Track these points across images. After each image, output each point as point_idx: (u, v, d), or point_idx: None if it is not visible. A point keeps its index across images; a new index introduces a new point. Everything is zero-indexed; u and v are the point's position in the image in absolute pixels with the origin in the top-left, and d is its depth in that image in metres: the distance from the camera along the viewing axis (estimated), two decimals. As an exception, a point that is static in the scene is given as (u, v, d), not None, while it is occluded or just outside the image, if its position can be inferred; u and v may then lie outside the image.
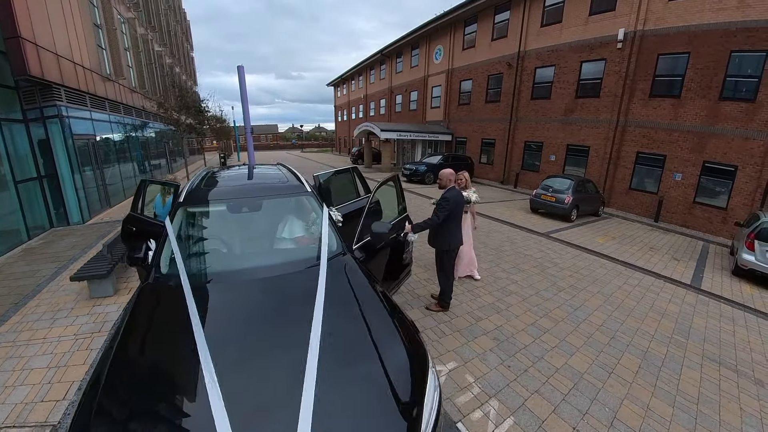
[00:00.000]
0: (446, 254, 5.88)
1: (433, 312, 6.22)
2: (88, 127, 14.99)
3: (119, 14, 19.43)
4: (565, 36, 19.99)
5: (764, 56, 13.40)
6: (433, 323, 5.88)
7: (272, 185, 5.07)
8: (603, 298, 7.35)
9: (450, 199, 5.49)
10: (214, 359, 2.31)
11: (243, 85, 12.13)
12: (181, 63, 37.88)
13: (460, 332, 5.65)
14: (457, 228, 5.86)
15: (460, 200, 5.72)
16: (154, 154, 25.79)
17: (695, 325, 6.65)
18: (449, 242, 5.80)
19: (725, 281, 9.60)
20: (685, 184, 16.02)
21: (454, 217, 5.67)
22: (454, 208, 5.55)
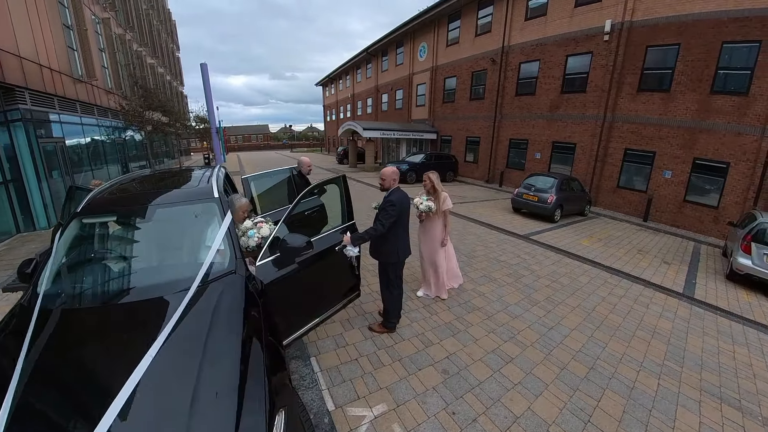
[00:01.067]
0: (392, 267, 4.92)
1: (376, 333, 5.18)
2: (57, 130, 14.55)
3: (93, 14, 18.97)
4: (550, 29, 18.97)
5: (758, 47, 12.50)
6: (370, 349, 4.81)
7: (172, 192, 4.34)
8: (583, 314, 6.24)
9: (395, 203, 4.55)
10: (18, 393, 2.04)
11: (207, 83, 11.42)
12: (165, 63, 36.94)
13: (402, 362, 4.56)
14: (404, 235, 4.91)
15: (406, 203, 4.79)
16: (137, 156, 25.09)
17: (690, 347, 5.59)
18: (395, 253, 4.85)
19: (720, 288, 8.62)
20: (675, 182, 15.10)
21: (400, 223, 4.76)
22: (400, 212, 4.63)
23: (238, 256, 3.38)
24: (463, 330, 5.44)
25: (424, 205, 5.82)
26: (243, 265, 3.35)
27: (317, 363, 4.45)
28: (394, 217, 4.54)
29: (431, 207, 5.81)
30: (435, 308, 6.07)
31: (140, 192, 4.37)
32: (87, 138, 17.53)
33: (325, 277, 4.61)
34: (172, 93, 38.40)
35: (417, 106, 31.60)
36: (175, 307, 2.67)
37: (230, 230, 3.58)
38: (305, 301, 4.30)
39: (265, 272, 3.69)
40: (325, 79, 57.09)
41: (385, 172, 4.82)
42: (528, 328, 5.57)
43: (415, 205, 5.82)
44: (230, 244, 3.44)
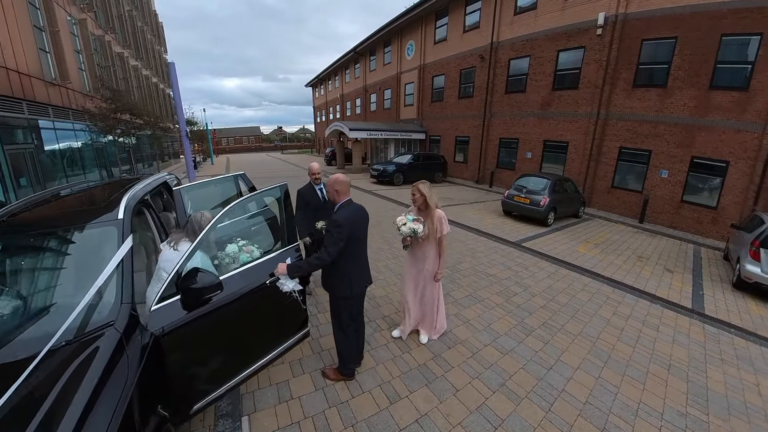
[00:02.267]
0: (344, 303, 3.82)
1: (331, 381, 4.11)
2: (26, 136, 13.97)
3: (69, 15, 18.20)
4: (540, 24, 17.99)
5: (759, 40, 11.63)
6: (319, 405, 3.75)
7: (60, 213, 3.47)
8: (587, 344, 5.22)
9: (342, 223, 3.43)
10: None
11: (175, 83, 10.46)
12: (151, 65, 35.89)
13: (356, 429, 3.48)
14: (359, 262, 3.84)
15: (361, 221, 3.76)
16: (124, 160, 24.38)
17: (712, 383, 4.64)
18: (347, 285, 3.75)
19: (729, 299, 7.71)
20: (672, 182, 14.21)
21: (353, 247, 3.67)
22: (351, 235, 3.52)
23: (125, 300, 2.52)
24: (440, 376, 4.34)
25: (407, 228, 4.37)
26: (128, 313, 2.48)
27: (249, 426, 3.41)
28: (342, 242, 3.44)
29: (417, 231, 4.36)
30: (409, 343, 5.00)
31: (21, 215, 3.35)
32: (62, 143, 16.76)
33: (259, 315, 3.53)
34: (158, 95, 37.34)
35: (405, 105, 30.67)
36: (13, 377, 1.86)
37: (123, 265, 2.63)
38: (230, 350, 3.29)
39: (169, 316, 2.73)
40: (315, 80, 56.07)
41: (331, 181, 3.70)
42: (522, 369, 4.51)
43: (396, 226, 4.51)
44: (119, 283, 2.56)
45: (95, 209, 3.27)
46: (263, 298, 3.45)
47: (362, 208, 3.81)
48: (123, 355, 2.19)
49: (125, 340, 2.28)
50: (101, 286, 2.48)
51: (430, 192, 4.49)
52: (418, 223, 4.42)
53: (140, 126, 20.55)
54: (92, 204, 3.63)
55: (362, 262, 3.90)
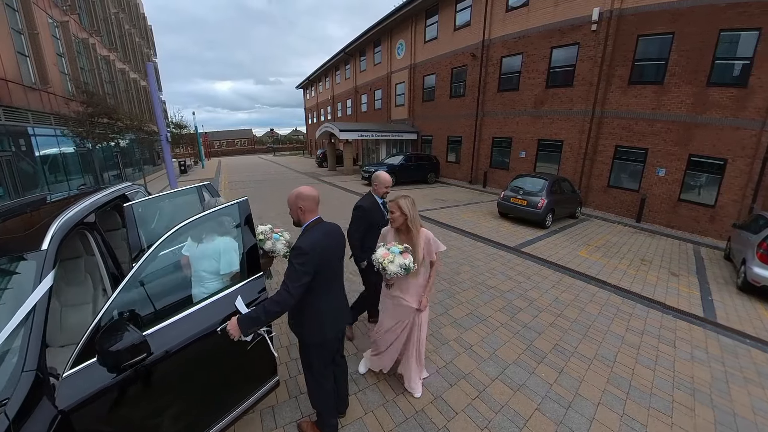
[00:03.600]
0: (316, 349, 3.01)
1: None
2: (2, 143, 13.31)
3: (50, 18, 17.39)
4: (533, 20, 17.46)
5: (758, 35, 11.24)
6: None
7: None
8: (605, 370, 4.66)
9: (308, 251, 2.63)
10: None
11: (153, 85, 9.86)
12: (139, 69, 35.07)
13: None
14: (333, 297, 3.02)
15: (332, 246, 2.93)
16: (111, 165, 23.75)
17: (738, 407, 4.16)
18: (318, 328, 2.93)
19: (738, 304, 7.27)
20: (669, 180, 13.80)
21: (323, 281, 2.83)
22: (320, 264, 2.71)
23: (28, 366, 1.86)
24: (442, 428, 3.57)
25: (395, 266, 3.31)
26: (29, 383, 1.83)
27: None
28: (308, 275, 2.62)
29: (408, 266, 3.34)
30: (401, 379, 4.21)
31: None
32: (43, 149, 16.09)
33: (213, 368, 2.76)
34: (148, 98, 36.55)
35: (396, 105, 30.08)
36: None
37: (35, 314, 2.02)
38: (172, 413, 2.51)
39: (88, 383, 2.07)
40: (306, 81, 55.33)
41: (296, 195, 2.87)
42: (538, 411, 3.85)
43: (379, 264, 3.39)
44: (24, 342, 1.92)
45: (13, 238, 2.68)
46: (217, 346, 2.70)
47: (335, 228, 3.02)
48: None
49: (15, 428, 1.66)
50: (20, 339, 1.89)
51: (413, 211, 3.53)
52: (409, 255, 3.39)
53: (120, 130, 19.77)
54: (12, 231, 2.96)
55: (338, 299, 3.08)
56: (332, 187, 20.37)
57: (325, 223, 2.96)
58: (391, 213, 3.59)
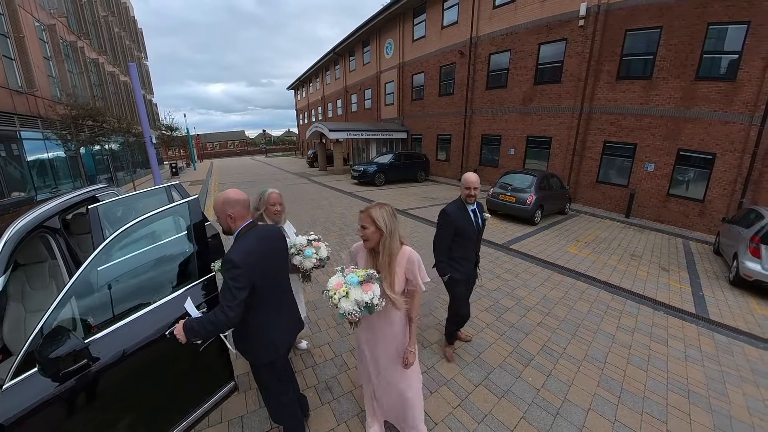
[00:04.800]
0: (268, 369, 2.66)
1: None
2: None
3: (37, 21, 16.94)
4: (520, 17, 17.18)
5: (746, 28, 11.04)
6: None
7: None
8: (595, 373, 4.36)
9: (239, 264, 2.23)
10: None
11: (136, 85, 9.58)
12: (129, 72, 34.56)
13: None
14: (280, 311, 2.66)
15: (270, 254, 2.55)
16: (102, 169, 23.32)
17: (735, 410, 3.89)
18: (270, 346, 2.57)
19: (729, 299, 7.06)
20: (658, 175, 13.59)
21: (266, 293, 2.49)
22: (258, 276, 2.36)
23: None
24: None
25: (349, 304, 2.34)
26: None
27: None
28: (243, 291, 2.24)
29: (370, 303, 2.34)
30: None
31: None
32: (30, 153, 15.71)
33: (163, 375, 2.56)
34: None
35: (386, 105, 29.80)
36: None
37: None
38: (125, 422, 2.31)
39: (32, 391, 1.88)
40: (296, 82, 54.91)
41: (222, 200, 2.49)
42: (524, 420, 3.51)
43: (329, 298, 2.43)
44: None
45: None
46: (167, 351, 2.50)
47: (272, 232, 2.67)
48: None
49: None
50: None
51: (391, 221, 2.54)
52: (371, 288, 2.38)
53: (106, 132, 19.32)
54: None
55: (285, 311, 2.73)
56: (322, 187, 20.04)
57: (258, 227, 2.58)
58: (362, 229, 2.58)
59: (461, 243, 4.06)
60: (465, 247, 4.11)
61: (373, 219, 2.50)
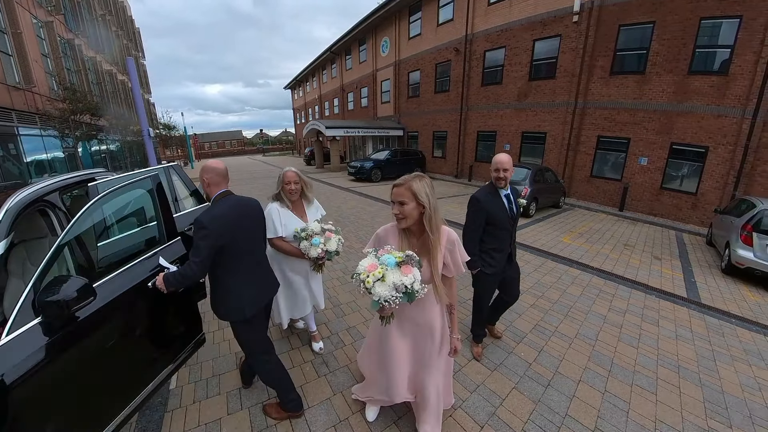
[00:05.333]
0: (244, 327, 2.80)
1: (275, 421, 3.06)
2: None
3: (35, 18, 16.97)
4: (515, 13, 17.26)
5: (738, 23, 11.13)
6: None
7: None
8: (586, 349, 4.41)
9: (207, 225, 2.41)
10: None
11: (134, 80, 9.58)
12: (126, 71, 34.55)
13: None
14: (249, 275, 2.78)
15: (239, 221, 2.66)
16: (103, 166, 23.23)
17: (727, 385, 3.92)
18: (237, 306, 2.70)
19: (722, 286, 7.15)
20: (651, 169, 13.70)
21: (234, 255, 2.65)
22: (225, 239, 2.52)
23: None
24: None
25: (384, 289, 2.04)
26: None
27: None
28: (208, 249, 2.44)
29: (411, 288, 2.06)
30: None
31: None
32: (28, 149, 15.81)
33: (139, 327, 2.71)
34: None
35: (382, 103, 29.84)
36: None
37: None
38: (108, 376, 2.43)
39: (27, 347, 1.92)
40: (293, 81, 54.84)
41: (202, 168, 2.74)
42: (515, 389, 3.56)
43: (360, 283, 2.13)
44: None
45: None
46: (141, 304, 2.71)
47: (248, 202, 2.84)
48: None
49: None
50: None
51: (432, 195, 2.25)
52: (410, 271, 2.09)
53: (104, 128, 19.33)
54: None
55: (253, 274, 2.85)
56: (319, 183, 20.03)
57: (234, 196, 2.75)
58: (398, 205, 2.24)
59: (494, 233, 3.63)
60: (498, 238, 3.66)
61: (414, 192, 2.19)
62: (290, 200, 3.56)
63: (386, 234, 2.44)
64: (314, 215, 3.75)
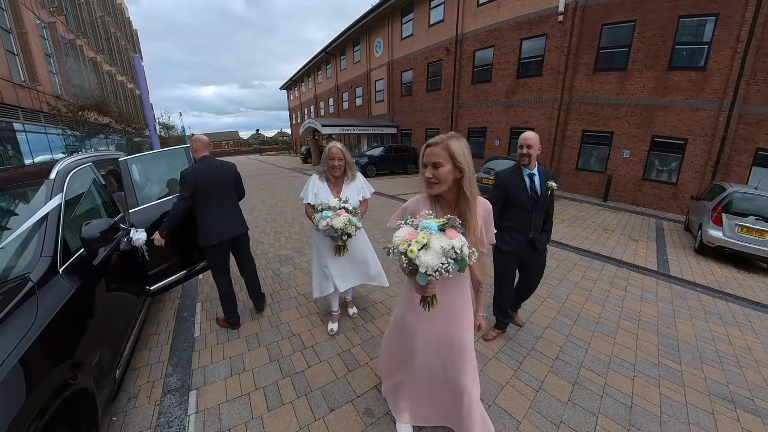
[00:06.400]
0: (207, 252, 3.92)
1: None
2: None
3: (38, 18, 17.30)
4: (503, 13, 17.71)
5: (714, 20, 11.62)
6: (271, 377, 3.29)
7: None
8: (556, 305, 4.88)
9: (187, 178, 3.63)
10: None
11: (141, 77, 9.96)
12: (125, 71, 34.83)
13: (309, 398, 3.05)
14: (210, 214, 3.75)
15: (210, 176, 3.75)
16: None
17: (682, 335, 4.36)
18: (202, 235, 3.77)
19: (692, 263, 7.61)
20: (633, 161, 14.19)
21: (203, 199, 3.72)
22: (198, 188, 3.66)
23: (44, 252, 2.29)
24: None
25: (431, 257, 1.67)
26: (46, 266, 2.22)
27: (195, 399, 2.97)
28: (187, 193, 3.61)
29: (460, 253, 1.71)
30: (372, 312, 4.52)
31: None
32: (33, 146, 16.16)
33: None
34: (134, 100, 36.25)
35: (376, 102, 30.25)
36: None
37: (47, 220, 2.48)
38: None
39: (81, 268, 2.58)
40: (289, 82, 55.19)
41: (191, 139, 3.94)
42: (492, 331, 4.03)
43: (400, 254, 1.77)
44: (39, 239, 2.37)
45: (30, 175, 3.21)
46: None
47: (222, 164, 3.90)
48: (33, 301, 1.92)
49: (38, 287, 2.05)
50: (18, 239, 2.32)
51: (468, 157, 1.92)
52: (455, 233, 1.76)
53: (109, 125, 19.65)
54: (30, 171, 3.52)
55: (218, 214, 3.78)
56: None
57: (209, 158, 3.86)
58: (430, 167, 1.91)
59: (512, 211, 3.50)
60: (516, 216, 3.50)
61: (452, 153, 1.87)
62: (333, 176, 3.60)
63: (416, 205, 2.09)
64: (349, 193, 3.63)
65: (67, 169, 3.11)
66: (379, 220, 9.45)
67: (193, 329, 4.09)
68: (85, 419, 1.98)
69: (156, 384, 3.16)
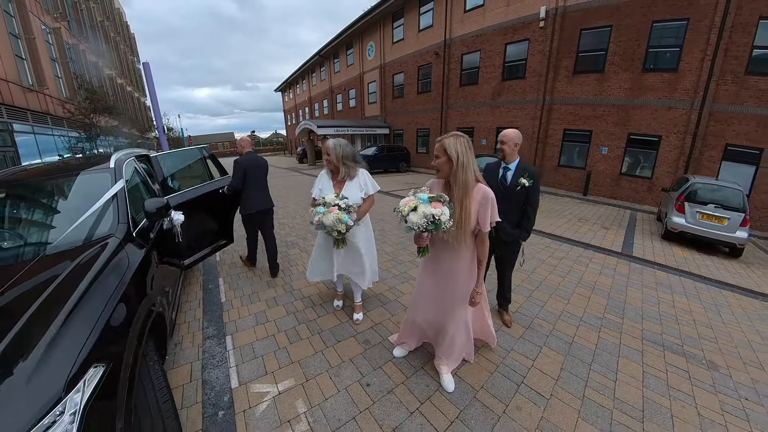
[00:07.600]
0: (244, 218, 5.36)
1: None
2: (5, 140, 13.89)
3: (43, 24, 17.75)
4: (488, 19, 18.46)
5: (685, 24, 12.35)
6: (289, 324, 4.03)
7: (72, 166, 4.05)
8: (522, 276, 5.58)
9: (241, 164, 5.02)
10: None
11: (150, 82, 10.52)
12: (125, 75, 35.25)
13: (322, 335, 3.80)
14: (253, 191, 5.17)
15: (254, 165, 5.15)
16: None
17: (631, 299, 5.06)
18: (245, 205, 5.20)
19: (656, 246, 8.33)
20: (611, 157, 14.92)
21: (249, 180, 5.11)
22: (246, 172, 5.04)
23: (121, 220, 2.95)
24: (393, 300, 4.72)
25: (417, 216, 2.43)
26: (125, 228, 2.88)
27: (231, 341, 3.75)
28: (240, 173, 4.97)
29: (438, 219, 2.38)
30: None
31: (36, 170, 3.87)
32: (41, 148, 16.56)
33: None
34: (134, 103, 36.72)
35: (369, 103, 30.88)
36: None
37: (117, 198, 3.14)
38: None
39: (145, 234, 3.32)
40: (284, 84, 55.57)
41: (237, 142, 5.40)
42: None
43: (398, 215, 2.58)
44: (115, 209, 3.03)
45: (92, 164, 3.76)
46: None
47: (260, 158, 5.25)
48: (123, 251, 2.55)
49: (124, 243, 2.67)
50: (99, 210, 2.96)
51: (464, 153, 2.46)
52: (439, 205, 2.41)
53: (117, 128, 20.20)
54: (90, 161, 4.09)
55: (256, 192, 5.17)
56: (313, 177, 20.93)
57: (252, 153, 5.23)
58: (435, 158, 2.58)
59: None
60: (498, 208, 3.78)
61: (444, 147, 2.47)
62: (328, 169, 3.82)
63: (432, 186, 2.76)
64: (351, 190, 3.71)
65: (121, 161, 3.74)
66: (373, 212, 10.07)
67: (220, 296, 4.84)
68: (162, 335, 2.71)
69: (196, 334, 3.87)
